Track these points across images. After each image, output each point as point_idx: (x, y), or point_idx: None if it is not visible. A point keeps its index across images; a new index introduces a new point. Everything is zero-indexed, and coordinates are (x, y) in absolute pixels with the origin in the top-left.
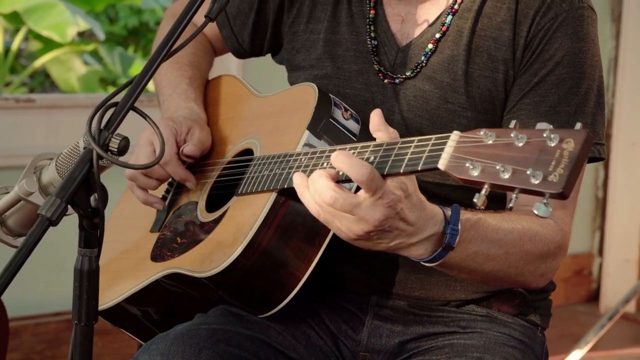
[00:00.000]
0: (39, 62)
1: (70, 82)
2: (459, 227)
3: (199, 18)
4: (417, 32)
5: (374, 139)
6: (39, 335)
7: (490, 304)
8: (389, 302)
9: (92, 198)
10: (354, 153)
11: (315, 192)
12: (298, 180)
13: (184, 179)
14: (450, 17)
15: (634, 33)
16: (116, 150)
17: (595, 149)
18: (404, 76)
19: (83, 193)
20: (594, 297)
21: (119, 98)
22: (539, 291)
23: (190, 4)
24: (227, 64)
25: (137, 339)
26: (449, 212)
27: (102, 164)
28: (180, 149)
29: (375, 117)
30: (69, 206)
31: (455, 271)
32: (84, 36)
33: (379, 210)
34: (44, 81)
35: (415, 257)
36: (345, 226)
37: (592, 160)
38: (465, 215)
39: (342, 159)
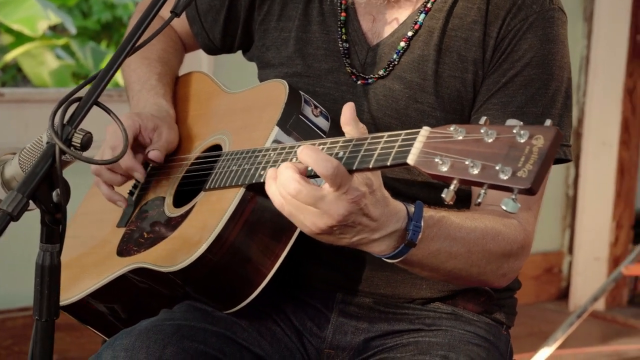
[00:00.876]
0: (10, 56)
1: (42, 77)
2: (422, 224)
3: (167, 13)
4: (388, 31)
5: (344, 136)
6: (6, 330)
7: (455, 301)
8: (355, 299)
9: (54, 193)
10: (323, 148)
11: (280, 183)
12: (269, 174)
13: (130, 167)
14: (423, 15)
15: (605, 32)
16: (79, 145)
17: (562, 151)
18: (376, 75)
19: (45, 188)
20: (564, 295)
21: (83, 93)
22: (505, 289)
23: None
24: (198, 60)
25: (102, 336)
26: (412, 208)
27: (65, 159)
28: (146, 151)
29: (347, 111)
30: (30, 201)
31: (417, 268)
32: (57, 30)
33: (342, 205)
34: (16, 75)
35: (377, 253)
36: (309, 220)
37: (558, 161)
38: (428, 212)
39: (308, 153)
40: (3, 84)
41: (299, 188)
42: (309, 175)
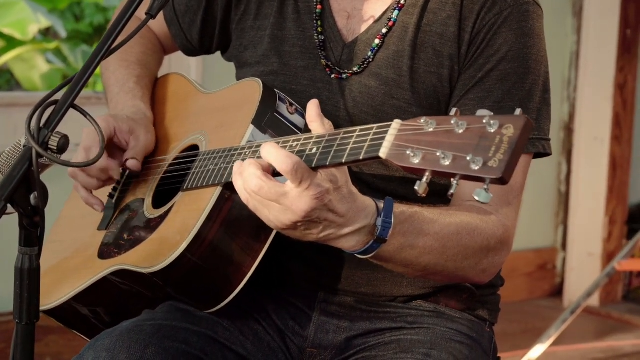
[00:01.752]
0: (1, 61)
1: (33, 81)
2: (392, 220)
3: (144, 15)
4: (363, 28)
5: None
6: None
7: (437, 299)
8: (336, 298)
9: (32, 196)
10: (297, 145)
11: (244, 179)
12: (235, 169)
13: (105, 167)
14: (396, 12)
15: (595, 27)
16: (56, 148)
17: (540, 144)
18: (350, 71)
19: (23, 191)
20: (558, 291)
21: (59, 96)
22: (487, 286)
23: (132, 0)
24: (187, 61)
25: (87, 339)
26: (381, 204)
27: (43, 162)
28: (124, 158)
29: (312, 108)
30: (8, 205)
31: (391, 264)
32: (49, 34)
33: (304, 201)
34: (10, 79)
35: (347, 249)
36: (273, 215)
37: (538, 155)
38: (400, 208)
39: (269, 150)
40: None
41: (260, 184)
42: (275, 173)
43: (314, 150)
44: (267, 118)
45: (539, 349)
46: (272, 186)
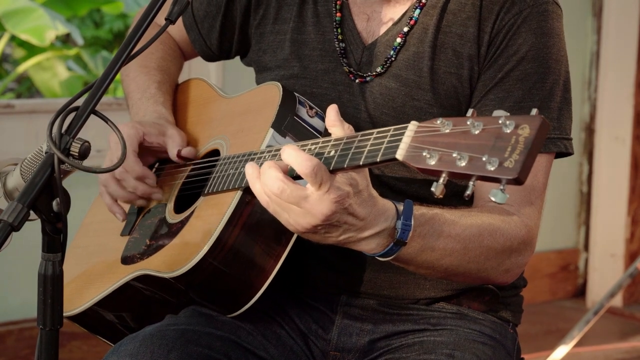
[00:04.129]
0: (21, 68)
1: (52, 88)
2: (412, 222)
3: (164, 21)
4: (382, 30)
5: None
6: (24, 340)
7: (460, 301)
8: (358, 301)
9: (54, 203)
10: (315, 148)
11: (264, 183)
12: (249, 171)
13: (141, 176)
14: (418, 11)
15: (615, 27)
16: (77, 154)
17: (562, 144)
18: (374, 73)
19: (45, 198)
20: (581, 292)
21: (80, 102)
22: (510, 287)
23: (151, 7)
24: (206, 66)
25: (109, 343)
26: (401, 207)
27: (65, 169)
28: (177, 152)
29: (331, 113)
30: (31, 211)
31: (412, 266)
32: (68, 42)
33: (325, 205)
34: (31, 86)
35: (367, 252)
36: (293, 219)
37: (560, 155)
38: (420, 210)
39: (290, 152)
40: (18, 95)
41: (282, 187)
42: (292, 175)
43: (332, 153)
44: (287, 122)
45: (562, 350)
46: (294, 189)
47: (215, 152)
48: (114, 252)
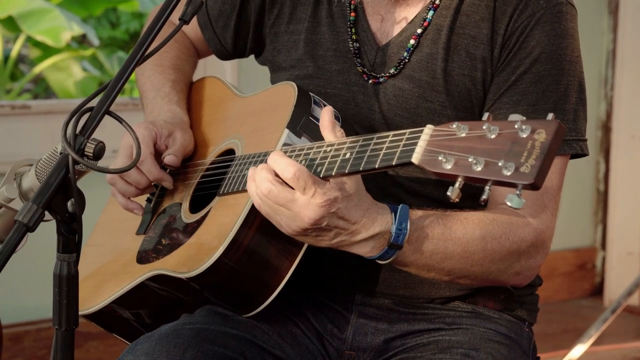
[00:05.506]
0: (38, 69)
1: (67, 89)
2: (408, 227)
3: (178, 20)
4: (396, 30)
5: (354, 136)
6: (41, 340)
7: (475, 300)
8: (373, 301)
9: (69, 203)
10: (330, 150)
11: (256, 183)
12: (250, 173)
13: (159, 178)
14: (431, 12)
15: (631, 25)
16: (92, 154)
17: (578, 146)
18: (387, 74)
19: (60, 198)
20: (598, 291)
21: (95, 103)
22: (525, 286)
23: (165, 6)
24: (222, 65)
25: (126, 342)
26: (397, 211)
27: (80, 169)
28: (162, 157)
29: (326, 115)
30: (46, 212)
31: (413, 268)
32: (84, 42)
33: (312, 209)
34: (47, 87)
35: (363, 255)
36: (284, 222)
37: (575, 156)
38: (417, 214)
39: (274, 158)
40: (35, 96)
41: (270, 188)
42: None
43: (347, 156)
44: (302, 122)
45: (579, 349)
46: (281, 190)
47: (230, 152)
48: (130, 251)
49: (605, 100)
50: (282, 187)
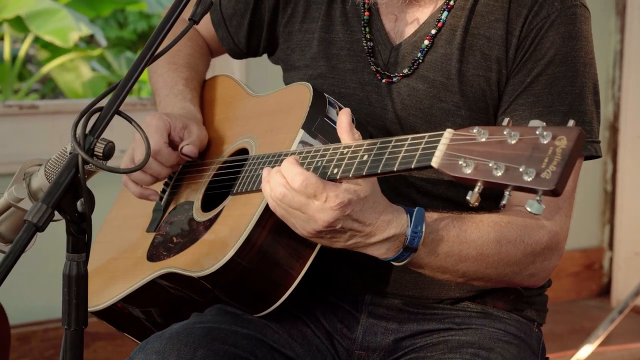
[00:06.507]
0: (45, 69)
1: (75, 89)
2: (423, 229)
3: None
4: (410, 30)
5: (368, 138)
6: (48, 340)
7: (484, 300)
8: (383, 301)
9: (78, 203)
10: (347, 152)
11: (271, 187)
12: (264, 174)
13: (177, 163)
14: (445, 13)
15: (639, 26)
16: (101, 154)
17: (592, 147)
18: (401, 74)
19: (69, 198)
20: (606, 291)
21: (104, 103)
22: None
23: (175, 5)
24: (230, 64)
25: (135, 340)
26: (413, 214)
27: (89, 169)
28: (180, 147)
29: (344, 118)
30: (55, 212)
31: (427, 270)
32: (92, 43)
33: (326, 212)
34: (55, 87)
35: (378, 256)
36: (299, 224)
37: (588, 158)
38: (432, 217)
39: (286, 166)
40: (43, 96)
41: (284, 192)
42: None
43: (365, 158)
44: (317, 123)
45: (587, 349)
46: (295, 195)
47: (242, 151)
48: (140, 248)
49: (612, 101)
50: (296, 192)
